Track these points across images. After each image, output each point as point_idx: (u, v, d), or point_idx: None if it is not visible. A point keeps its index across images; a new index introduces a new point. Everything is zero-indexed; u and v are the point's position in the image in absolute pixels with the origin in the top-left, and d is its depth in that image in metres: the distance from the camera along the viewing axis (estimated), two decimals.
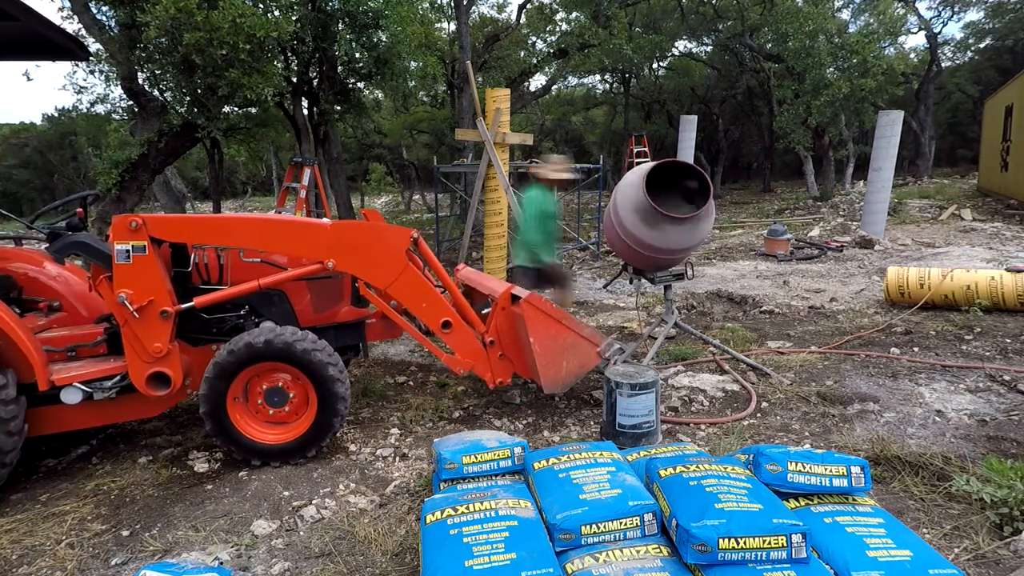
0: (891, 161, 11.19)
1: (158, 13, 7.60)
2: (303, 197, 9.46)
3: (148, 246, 3.14)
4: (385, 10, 9.61)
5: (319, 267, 3.45)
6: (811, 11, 16.24)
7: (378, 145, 26.05)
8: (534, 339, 3.61)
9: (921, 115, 23.96)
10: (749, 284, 8.11)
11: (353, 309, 4.09)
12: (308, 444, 3.36)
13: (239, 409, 3.31)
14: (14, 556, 2.65)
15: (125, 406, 3.39)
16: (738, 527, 1.97)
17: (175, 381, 3.25)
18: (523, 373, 3.92)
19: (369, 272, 3.53)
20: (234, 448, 3.31)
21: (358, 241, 3.47)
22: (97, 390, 3.18)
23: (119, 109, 11.56)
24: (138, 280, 3.13)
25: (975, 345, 5.12)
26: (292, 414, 3.39)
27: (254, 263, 3.77)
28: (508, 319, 3.79)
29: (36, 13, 3.30)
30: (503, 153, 8.61)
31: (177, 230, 3.31)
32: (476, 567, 1.96)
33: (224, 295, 3.44)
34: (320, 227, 3.44)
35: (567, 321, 3.78)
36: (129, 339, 3.18)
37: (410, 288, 3.57)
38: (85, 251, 3.26)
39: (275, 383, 3.33)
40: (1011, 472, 2.74)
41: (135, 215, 3.19)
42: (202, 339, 3.66)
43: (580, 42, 15.57)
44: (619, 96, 30.16)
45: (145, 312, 3.15)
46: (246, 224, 3.43)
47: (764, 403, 4.12)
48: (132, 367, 3.21)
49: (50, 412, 3.23)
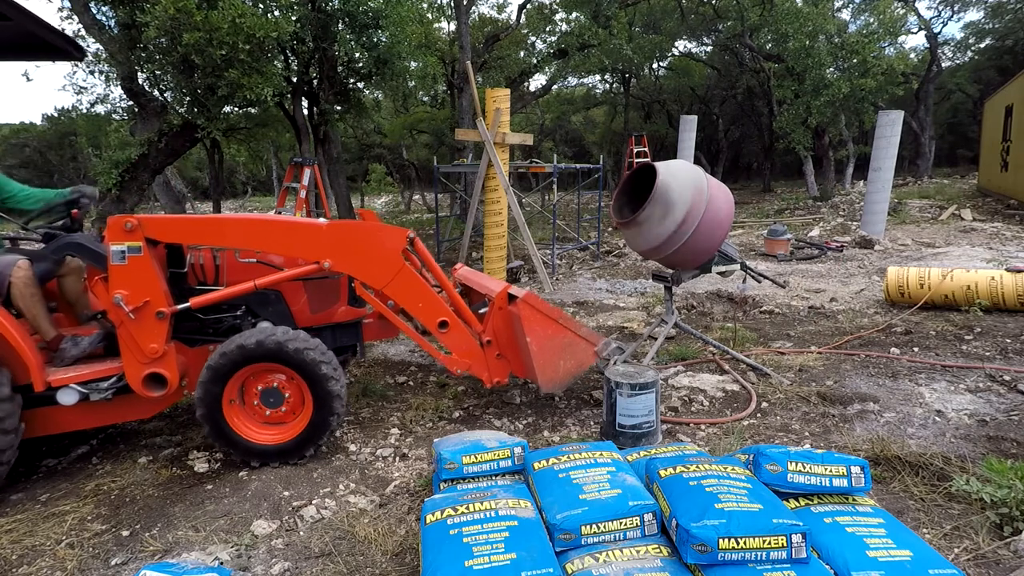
0: (891, 161, 11.19)
1: (158, 13, 7.60)
2: (303, 197, 9.46)
3: (144, 247, 3.14)
4: (385, 10, 9.61)
5: (315, 267, 3.44)
6: (811, 11, 16.23)
7: (378, 145, 26.07)
8: (530, 339, 3.60)
9: (921, 115, 23.97)
10: (749, 284, 8.09)
11: (350, 309, 4.09)
12: (306, 443, 3.35)
13: (236, 411, 3.30)
14: (14, 556, 2.65)
15: (121, 407, 3.39)
16: (738, 527, 1.97)
17: (171, 382, 3.25)
18: (520, 373, 3.92)
19: (365, 272, 3.53)
20: (232, 450, 3.31)
21: (354, 241, 3.47)
22: (93, 391, 3.18)
23: (119, 109, 11.55)
24: (134, 281, 3.13)
25: (975, 345, 5.12)
26: (289, 414, 3.38)
27: (250, 263, 3.76)
28: (505, 319, 3.78)
29: (30, 13, 3.29)
30: (503, 153, 8.62)
31: (172, 231, 3.29)
32: (476, 567, 1.96)
33: (220, 296, 3.44)
34: (316, 227, 3.43)
35: (564, 320, 3.77)
36: (125, 340, 3.18)
37: (406, 288, 3.57)
38: (80, 252, 3.26)
39: (270, 383, 3.33)
40: (1011, 472, 2.74)
41: (130, 216, 3.18)
42: (199, 340, 3.65)
43: (580, 42, 15.56)
44: (619, 96, 30.16)
45: (141, 313, 3.14)
46: (241, 224, 3.42)
47: (764, 403, 4.12)
48: (128, 368, 3.21)
49: (47, 413, 3.22)
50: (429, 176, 16.32)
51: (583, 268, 10.49)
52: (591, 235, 13.21)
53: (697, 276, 4.88)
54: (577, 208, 14.60)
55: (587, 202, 15.88)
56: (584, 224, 14.40)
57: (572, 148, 35.50)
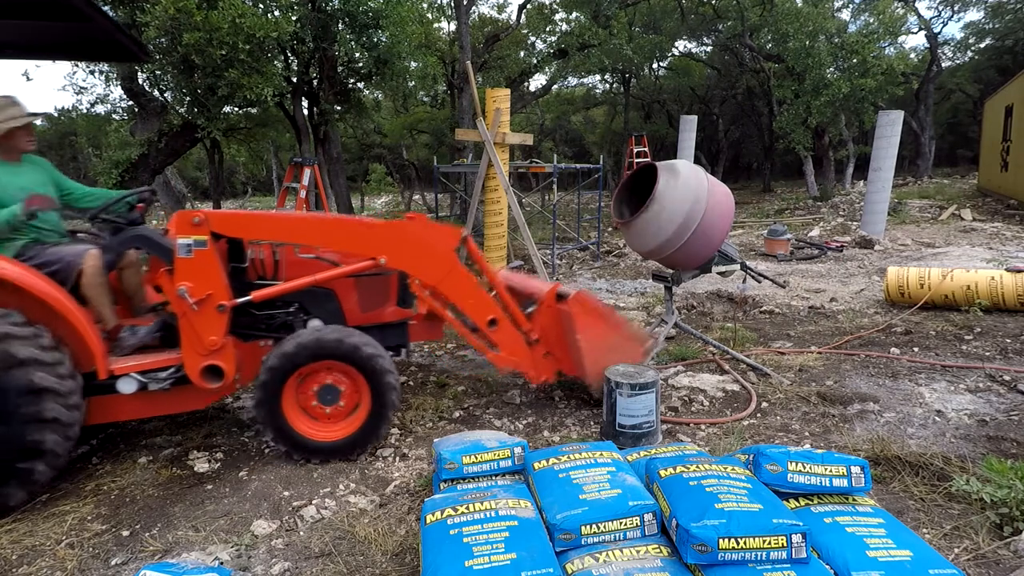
0: (891, 161, 11.20)
1: (158, 13, 7.60)
2: (303, 197, 9.46)
3: (209, 241, 3.18)
4: (385, 10, 9.62)
5: (371, 263, 3.49)
6: (811, 11, 16.25)
7: (378, 145, 26.05)
8: (580, 336, 3.65)
9: (921, 115, 23.97)
10: (749, 284, 8.09)
11: (399, 310, 4.12)
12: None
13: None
14: (14, 556, 2.65)
15: (176, 398, 3.43)
16: (738, 527, 1.97)
17: (228, 374, 3.29)
18: (568, 371, 3.95)
19: (419, 269, 3.58)
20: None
21: (409, 238, 3.53)
22: (152, 381, 3.23)
23: (119, 109, 11.58)
24: (198, 274, 3.17)
25: (975, 345, 5.13)
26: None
27: (308, 260, 3.85)
28: (553, 317, 3.84)
29: (107, 15, 3.33)
30: (503, 153, 8.61)
31: (237, 226, 3.36)
32: (476, 567, 1.96)
33: (281, 289, 3.49)
34: (374, 225, 3.54)
35: (613, 319, 3.83)
36: (186, 331, 3.21)
37: (459, 285, 3.63)
38: (146, 245, 3.30)
39: (327, 381, 3.34)
40: (1011, 472, 2.74)
41: (198, 211, 3.23)
42: (251, 335, 3.70)
43: (580, 42, 15.58)
44: (619, 96, 30.17)
45: (203, 305, 3.19)
46: (305, 221, 3.52)
47: (764, 403, 4.12)
48: (187, 359, 3.24)
49: (104, 401, 3.27)
50: (429, 176, 16.32)
51: (583, 268, 10.49)
52: (591, 235, 13.21)
53: (697, 276, 4.88)
54: (577, 208, 14.60)
55: (587, 202, 15.88)
56: (584, 224, 14.40)
57: (572, 148, 35.50)
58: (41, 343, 2.89)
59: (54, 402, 2.88)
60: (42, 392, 2.84)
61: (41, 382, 2.83)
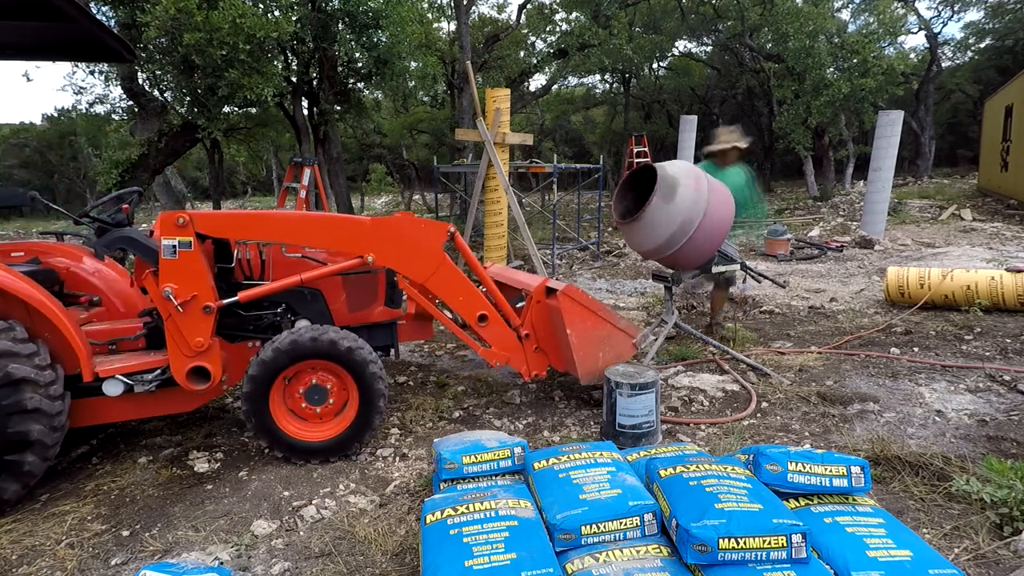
0: (891, 161, 11.20)
1: (158, 13, 7.60)
2: (303, 197, 9.45)
3: (194, 242, 3.17)
4: (385, 10, 9.61)
5: (359, 261, 3.47)
6: (811, 11, 16.24)
7: (378, 145, 26.03)
8: (571, 331, 3.64)
9: (921, 115, 23.97)
10: (749, 284, 8.09)
11: (387, 310, 4.12)
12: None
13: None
14: (14, 556, 2.65)
15: (163, 400, 3.42)
16: (738, 527, 1.97)
17: (215, 376, 3.28)
18: (559, 366, 3.95)
19: (407, 266, 3.57)
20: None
21: (396, 235, 3.51)
22: (138, 383, 3.22)
23: (119, 109, 11.58)
24: (183, 275, 3.16)
25: (975, 345, 5.12)
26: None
27: (295, 259, 3.82)
28: (543, 312, 3.83)
29: (91, 15, 3.31)
30: (503, 153, 8.62)
31: (223, 226, 3.34)
32: (476, 567, 1.96)
33: (268, 289, 3.47)
34: (360, 222, 3.51)
35: (603, 312, 3.82)
36: (172, 333, 3.20)
37: (447, 282, 3.62)
38: (132, 246, 3.29)
39: (313, 381, 3.34)
40: (1011, 472, 2.74)
41: (182, 211, 3.22)
42: (238, 336, 3.69)
43: (580, 42, 15.57)
44: (619, 96, 30.16)
45: (189, 307, 3.18)
46: (291, 220, 3.49)
47: (764, 403, 4.12)
48: (173, 361, 3.23)
49: (90, 404, 3.27)
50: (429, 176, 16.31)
51: (583, 268, 10.49)
52: (591, 235, 13.21)
53: (697, 276, 4.88)
54: (577, 208, 14.60)
55: (587, 202, 15.88)
56: (584, 224, 14.40)
57: (572, 148, 35.49)
58: (13, 336, 2.89)
59: (34, 392, 2.87)
60: (20, 383, 2.84)
61: (17, 372, 2.82)
